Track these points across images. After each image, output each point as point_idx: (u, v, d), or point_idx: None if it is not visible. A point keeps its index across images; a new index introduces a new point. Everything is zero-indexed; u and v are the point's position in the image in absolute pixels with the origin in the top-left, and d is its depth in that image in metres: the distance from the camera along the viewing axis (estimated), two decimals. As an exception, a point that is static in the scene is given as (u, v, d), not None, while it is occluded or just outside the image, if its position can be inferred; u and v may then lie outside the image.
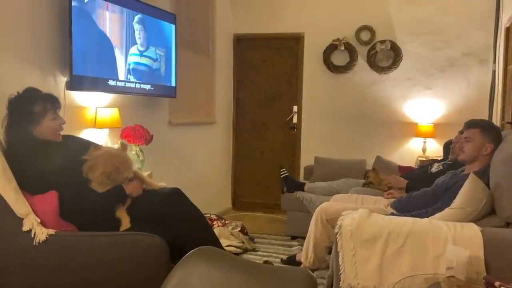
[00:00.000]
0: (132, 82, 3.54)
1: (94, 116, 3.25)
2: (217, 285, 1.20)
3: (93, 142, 2.65)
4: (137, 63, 3.59)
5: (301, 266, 2.99)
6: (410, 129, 5.06)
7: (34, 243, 1.98)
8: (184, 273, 1.24)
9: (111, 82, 3.31)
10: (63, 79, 3.01)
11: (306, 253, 2.91)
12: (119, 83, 3.39)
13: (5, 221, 2.02)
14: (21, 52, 2.74)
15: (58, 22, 2.96)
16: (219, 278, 1.21)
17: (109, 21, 3.26)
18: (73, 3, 2.89)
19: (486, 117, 4.60)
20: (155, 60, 3.81)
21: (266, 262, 3.19)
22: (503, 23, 4.39)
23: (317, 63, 5.29)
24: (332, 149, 5.13)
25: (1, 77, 2.57)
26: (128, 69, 3.48)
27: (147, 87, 3.72)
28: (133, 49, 3.55)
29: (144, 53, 3.67)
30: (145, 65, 3.70)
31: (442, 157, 3.93)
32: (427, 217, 2.34)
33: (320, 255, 2.90)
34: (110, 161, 2.28)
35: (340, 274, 2.16)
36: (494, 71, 4.65)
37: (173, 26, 4.04)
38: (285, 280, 1.18)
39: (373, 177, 3.75)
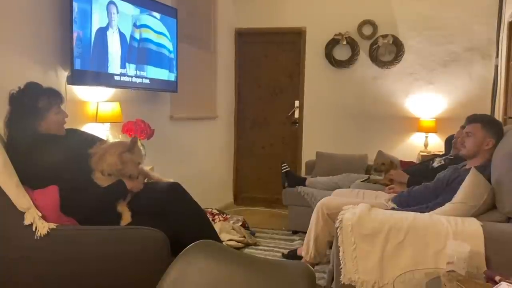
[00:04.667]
0: (134, 77, 3.54)
1: (96, 111, 3.26)
2: (216, 278, 1.20)
3: (97, 137, 2.66)
4: (139, 49, 3.60)
5: (302, 260, 2.99)
6: (412, 124, 5.05)
7: (35, 237, 1.98)
8: (184, 267, 1.24)
9: (112, 77, 3.31)
10: (64, 74, 3.02)
11: (307, 248, 2.91)
12: (120, 78, 3.39)
13: (6, 215, 2.03)
14: (22, 47, 2.74)
15: (59, 17, 2.96)
16: (218, 272, 1.21)
17: (110, 15, 3.25)
18: (74, -3, 2.89)
19: (488, 112, 4.59)
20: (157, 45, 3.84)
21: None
22: (506, 18, 4.36)
23: (319, 57, 5.28)
24: (334, 144, 5.13)
25: (2, 71, 2.57)
26: (129, 57, 3.48)
27: (148, 81, 3.72)
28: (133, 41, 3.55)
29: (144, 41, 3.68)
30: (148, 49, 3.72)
31: (443, 152, 3.92)
32: (428, 212, 2.34)
33: (321, 249, 2.90)
34: (121, 150, 2.28)
35: (341, 268, 2.17)
36: (496, 66, 4.64)
37: (175, 20, 4.04)
38: (284, 274, 1.19)
39: (387, 167, 3.71)
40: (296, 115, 5.46)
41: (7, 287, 2.05)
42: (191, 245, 1.31)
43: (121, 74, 3.41)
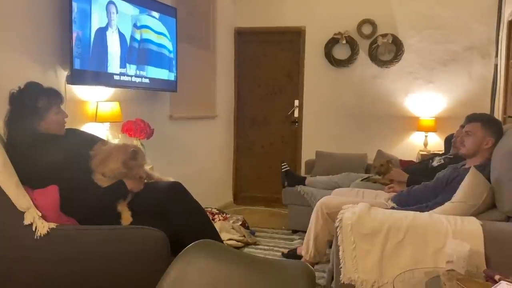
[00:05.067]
0: (133, 76, 3.53)
1: (95, 110, 3.25)
2: (216, 277, 1.20)
3: (97, 136, 2.65)
4: (139, 49, 3.60)
5: (302, 260, 2.99)
6: (412, 123, 5.05)
7: (35, 237, 1.98)
8: (184, 266, 1.24)
9: (111, 76, 3.31)
10: (63, 73, 3.01)
11: (306, 247, 2.92)
12: (120, 77, 3.39)
13: (6, 215, 2.03)
14: (21, 46, 2.74)
15: (58, 16, 2.95)
16: (218, 271, 1.22)
17: (110, 14, 3.25)
18: (74, -3, 2.89)
19: (488, 111, 4.59)
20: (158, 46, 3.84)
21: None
22: (506, 17, 4.36)
23: (319, 57, 5.28)
24: (333, 143, 5.13)
25: (2, 71, 2.57)
26: (130, 57, 3.48)
27: (148, 81, 3.72)
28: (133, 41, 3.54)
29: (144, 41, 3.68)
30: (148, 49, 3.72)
31: (443, 151, 3.92)
32: (428, 211, 2.34)
33: (320, 249, 2.91)
34: (124, 158, 2.27)
35: (341, 268, 2.17)
36: (496, 65, 4.64)
37: (174, 20, 4.03)
38: (283, 274, 1.19)
39: (385, 167, 3.71)
40: (296, 114, 5.46)
41: (7, 287, 2.05)
42: (191, 244, 1.31)
43: (121, 74, 3.40)
